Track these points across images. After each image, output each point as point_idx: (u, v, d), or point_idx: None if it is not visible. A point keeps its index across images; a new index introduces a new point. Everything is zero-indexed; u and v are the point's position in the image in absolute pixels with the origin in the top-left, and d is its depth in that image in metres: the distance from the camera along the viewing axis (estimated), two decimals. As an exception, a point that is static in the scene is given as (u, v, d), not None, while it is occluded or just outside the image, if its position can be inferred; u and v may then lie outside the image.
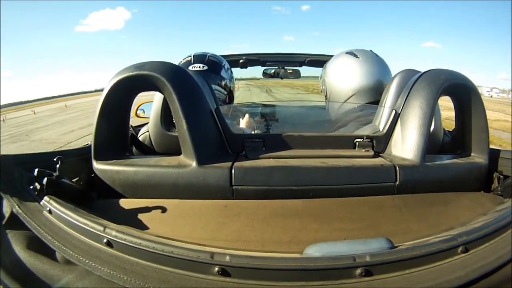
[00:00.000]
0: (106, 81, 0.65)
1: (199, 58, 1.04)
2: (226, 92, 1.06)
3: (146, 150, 0.89)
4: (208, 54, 1.07)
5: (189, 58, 1.04)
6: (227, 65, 1.10)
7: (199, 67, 1.01)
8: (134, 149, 0.91)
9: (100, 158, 0.64)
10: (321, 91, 1.11)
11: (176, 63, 1.00)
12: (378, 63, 0.98)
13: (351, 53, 0.99)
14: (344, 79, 0.97)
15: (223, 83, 1.06)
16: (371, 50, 1.01)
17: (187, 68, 1.00)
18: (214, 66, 1.04)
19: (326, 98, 1.05)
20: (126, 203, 0.58)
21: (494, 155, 0.69)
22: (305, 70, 1.71)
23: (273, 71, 1.70)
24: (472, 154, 0.70)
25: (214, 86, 0.98)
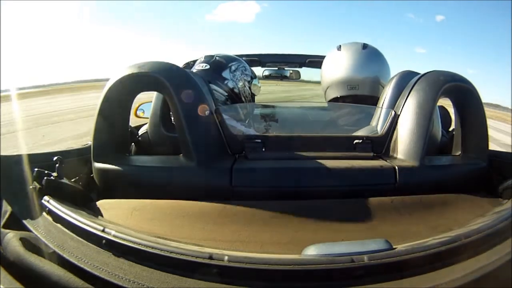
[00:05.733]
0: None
1: (207, 58, 1.04)
2: (226, 94, 1.02)
3: (146, 150, 0.89)
4: (218, 55, 1.05)
5: (199, 58, 1.06)
6: (235, 67, 1.06)
7: (202, 66, 1.01)
8: (134, 149, 0.91)
9: (99, 158, 0.64)
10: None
11: None
12: (358, 57, 0.97)
13: (338, 46, 1.02)
14: (324, 72, 1.03)
15: (224, 83, 1.02)
16: (363, 43, 1.00)
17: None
18: (216, 66, 1.02)
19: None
20: (125, 204, 0.58)
21: (493, 156, 0.69)
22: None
23: (273, 72, 1.70)
24: (471, 155, 0.70)
25: (212, 86, 0.94)
